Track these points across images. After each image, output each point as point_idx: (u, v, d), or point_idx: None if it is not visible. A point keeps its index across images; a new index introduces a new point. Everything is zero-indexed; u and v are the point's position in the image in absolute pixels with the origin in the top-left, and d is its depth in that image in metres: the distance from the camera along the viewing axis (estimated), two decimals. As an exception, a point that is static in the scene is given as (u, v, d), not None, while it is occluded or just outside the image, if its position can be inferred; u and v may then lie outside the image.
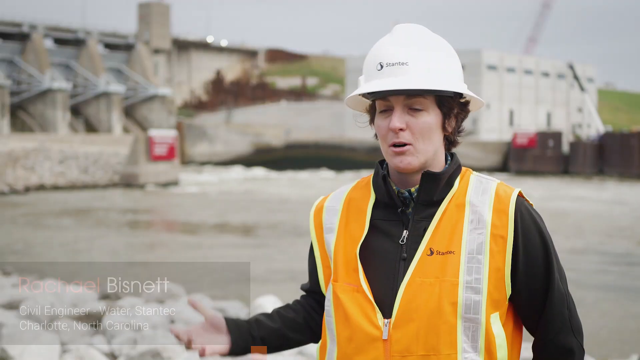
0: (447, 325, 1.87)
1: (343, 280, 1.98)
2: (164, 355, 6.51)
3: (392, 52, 1.95)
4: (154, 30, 76.80)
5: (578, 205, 33.04)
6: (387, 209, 2.00)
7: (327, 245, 2.05)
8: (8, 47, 63.37)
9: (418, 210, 1.96)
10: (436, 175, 1.95)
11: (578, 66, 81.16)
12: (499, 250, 1.90)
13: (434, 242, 1.92)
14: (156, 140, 44.55)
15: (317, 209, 2.13)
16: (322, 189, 41.64)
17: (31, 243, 20.61)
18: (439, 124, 1.96)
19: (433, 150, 1.96)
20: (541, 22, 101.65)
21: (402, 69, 1.92)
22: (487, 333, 1.88)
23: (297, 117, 76.41)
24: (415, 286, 1.89)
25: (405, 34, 1.96)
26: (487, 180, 1.99)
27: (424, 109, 1.94)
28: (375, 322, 1.91)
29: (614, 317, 12.20)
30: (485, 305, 1.88)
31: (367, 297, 1.92)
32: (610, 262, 17.97)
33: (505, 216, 1.91)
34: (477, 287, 1.88)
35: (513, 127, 73.27)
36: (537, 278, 1.93)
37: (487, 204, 1.94)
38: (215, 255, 18.43)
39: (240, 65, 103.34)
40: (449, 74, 1.96)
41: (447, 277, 1.88)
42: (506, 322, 1.94)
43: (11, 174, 41.13)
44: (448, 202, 1.95)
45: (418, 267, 1.90)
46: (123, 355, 6.66)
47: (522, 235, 1.92)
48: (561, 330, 1.95)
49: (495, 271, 1.90)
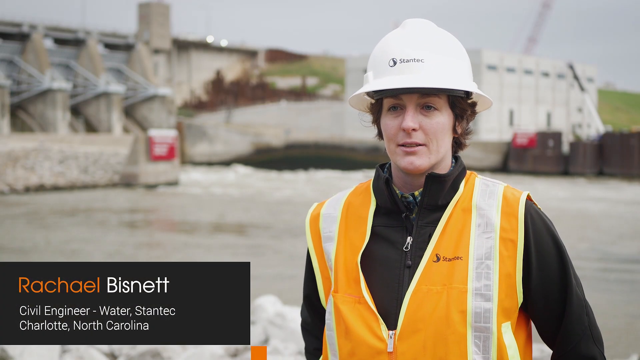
0: (456, 335, 1.77)
1: (344, 292, 1.87)
2: (164, 355, 6.51)
3: (406, 47, 1.84)
4: (154, 30, 76.83)
5: (603, 206, 32.86)
6: (389, 215, 1.90)
7: (326, 254, 1.94)
8: (8, 47, 63.38)
9: (422, 215, 1.86)
10: (441, 178, 1.85)
11: (578, 66, 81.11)
12: (509, 255, 1.81)
13: (440, 248, 1.82)
14: (156, 140, 44.53)
15: (313, 216, 2.00)
16: (322, 188, 41.64)
17: (31, 243, 20.61)
18: (451, 125, 1.87)
19: (444, 152, 1.87)
20: (541, 22, 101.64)
21: (418, 65, 1.82)
22: (499, 343, 1.78)
23: (297, 117, 76.40)
24: (421, 294, 1.79)
25: (418, 29, 1.86)
26: (493, 183, 1.90)
27: (437, 108, 1.84)
28: (379, 335, 1.81)
29: (614, 317, 12.19)
30: (497, 313, 1.78)
31: (369, 308, 1.82)
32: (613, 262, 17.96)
33: (515, 219, 1.82)
34: (487, 294, 1.78)
35: (513, 127, 73.24)
36: (554, 285, 1.83)
37: (494, 208, 1.84)
38: (215, 255, 18.43)
39: (240, 65, 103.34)
40: (462, 73, 1.87)
41: (454, 284, 1.78)
42: (517, 332, 1.85)
43: (11, 174, 41.12)
44: (454, 206, 1.86)
45: (424, 274, 1.81)
46: (123, 355, 6.66)
47: (534, 239, 1.82)
48: (582, 339, 1.85)
49: (506, 277, 1.80)
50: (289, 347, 7.15)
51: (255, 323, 8.09)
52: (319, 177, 54.32)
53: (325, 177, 54.23)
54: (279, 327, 7.83)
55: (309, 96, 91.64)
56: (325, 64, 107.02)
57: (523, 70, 79.21)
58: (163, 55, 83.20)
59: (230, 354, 6.90)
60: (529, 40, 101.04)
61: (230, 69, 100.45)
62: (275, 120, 75.89)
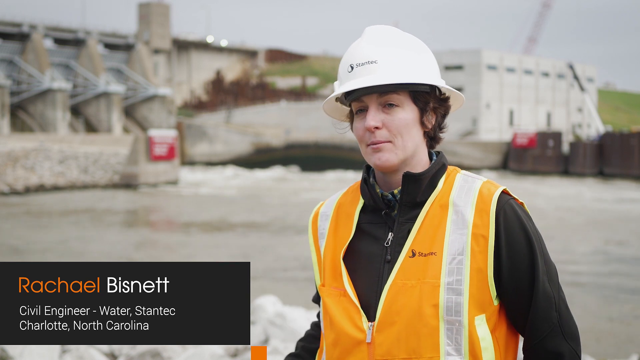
0: (428, 327, 1.83)
1: (329, 285, 1.97)
2: (164, 355, 6.51)
3: (361, 52, 1.92)
4: (154, 30, 76.82)
5: (626, 206, 32.83)
6: (373, 212, 1.97)
7: (321, 251, 2.04)
8: (8, 47, 63.37)
9: (403, 212, 1.93)
10: (417, 177, 1.91)
11: (578, 66, 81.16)
12: (480, 250, 1.85)
13: (416, 244, 1.89)
14: (156, 140, 44.55)
15: (314, 216, 2.10)
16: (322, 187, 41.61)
17: (31, 243, 20.61)
18: (417, 119, 1.92)
19: (413, 147, 1.92)
20: (541, 22, 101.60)
21: (372, 67, 1.90)
22: (470, 335, 1.83)
23: (297, 117, 76.41)
24: (397, 288, 1.87)
25: (374, 34, 1.94)
26: (472, 179, 1.94)
27: (398, 105, 1.90)
28: (359, 326, 1.88)
29: (614, 316, 12.19)
30: (468, 306, 1.83)
31: (351, 300, 1.90)
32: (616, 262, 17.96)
33: (487, 215, 1.87)
34: (458, 289, 1.83)
35: (513, 127, 73.26)
36: (521, 277, 1.87)
37: (469, 204, 1.89)
38: (215, 255, 18.42)
39: (240, 65, 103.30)
40: (421, 68, 1.92)
41: (427, 278, 1.85)
42: (498, 325, 1.89)
43: (11, 174, 41.12)
44: (432, 202, 1.92)
45: (401, 269, 1.88)
46: (123, 355, 6.66)
47: (505, 234, 1.86)
48: (549, 334, 1.88)
49: (477, 272, 1.85)
50: (289, 347, 7.14)
51: (255, 323, 8.08)
52: (323, 177, 54.30)
53: (334, 177, 54.19)
54: (279, 327, 7.83)
55: (309, 96, 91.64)
56: (325, 64, 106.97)
57: (523, 70, 79.22)
58: (163, 55, 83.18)
59: (230, 354, 6.90)
60: (529, 41, 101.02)
61: (230, 69, 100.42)
62: (275, 120, 75.89)
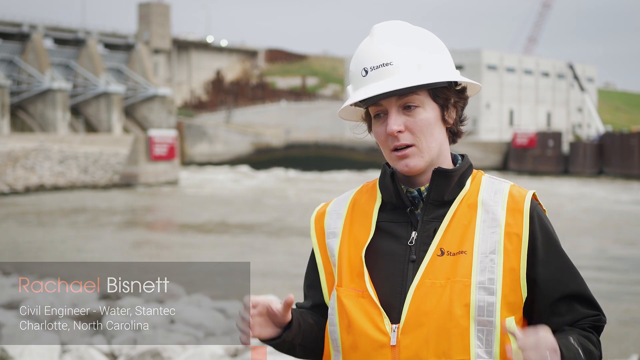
0: (458, 329, 1.77)
1: (347, 286, 1.88)
2: (163, 355, 6.51)
3: (374, 54, 1.85)
4: (154, 30, 76.82)
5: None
6: (394, 210, 1.90)
7: (329, 250, 1.95)
8: (8, 47, 63.36)
9: (428, 210, 1.87)
10: (448, 173, 1.86)
11: (578, 66, 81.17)
12: (514, 249, 1.81)
13: (444, 243, 1.83)
14: (156, 140, 44.56)
15: (318, 214, 2.02)
16: (322, 187, 41.61)
17: (31, 243, 20.61)
18: (439, 117, 1.87)
19: (437, 146, 1.87)
20: (541, 22, 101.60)
21: (387, 70, 1.83)
22: (502, 337, 1.78)
23: (297, 117, 76.44)
24: (424, 288, 1.80)
25: (385, 32, 1.87)
26: (499, 181, 1.91)
27: (419, 105, 1.84)
28: (382, 328, 1.81)
29: (614, 316, 12.19)
30: (500, 307, 1.78)
31: (373, 301, 1.83)
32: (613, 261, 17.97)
33: (520, 215, 1.83)
34: (490, 288, 1.78)
35: (513, 127, 73.26)
36: (560, 277, 1.84)
37: (500, 204, 1.85)
38: (215, 255, 18.43)
39: (240, 65, 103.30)
40: (438, 65, 1.86)
41: (458, 277, 1.79)
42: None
43: (11, 174, 41.12)
44: (459, 202, 1.87)
45: (428, 268, 1.81)
46: (123, 355, 6.66)
47: (541, 233, 1.84)
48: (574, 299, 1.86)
49: (510, 271, 1.80)
50: (289, 347, 7.13)
51: (255, 323, 8.06)
52: (323, 177, 54.30)
53: (334, 177, 54.20)
54: (279, 327, 7.81)
55: (309, 96, 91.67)
56: (325, 64, 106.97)
57: (523, 70, 79.23)
58: (163, 55, 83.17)
59: (230, 354, 6.90)
60: (529, 40, 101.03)
61: (230, 69, 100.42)
62: (275, 120, 75.91)
